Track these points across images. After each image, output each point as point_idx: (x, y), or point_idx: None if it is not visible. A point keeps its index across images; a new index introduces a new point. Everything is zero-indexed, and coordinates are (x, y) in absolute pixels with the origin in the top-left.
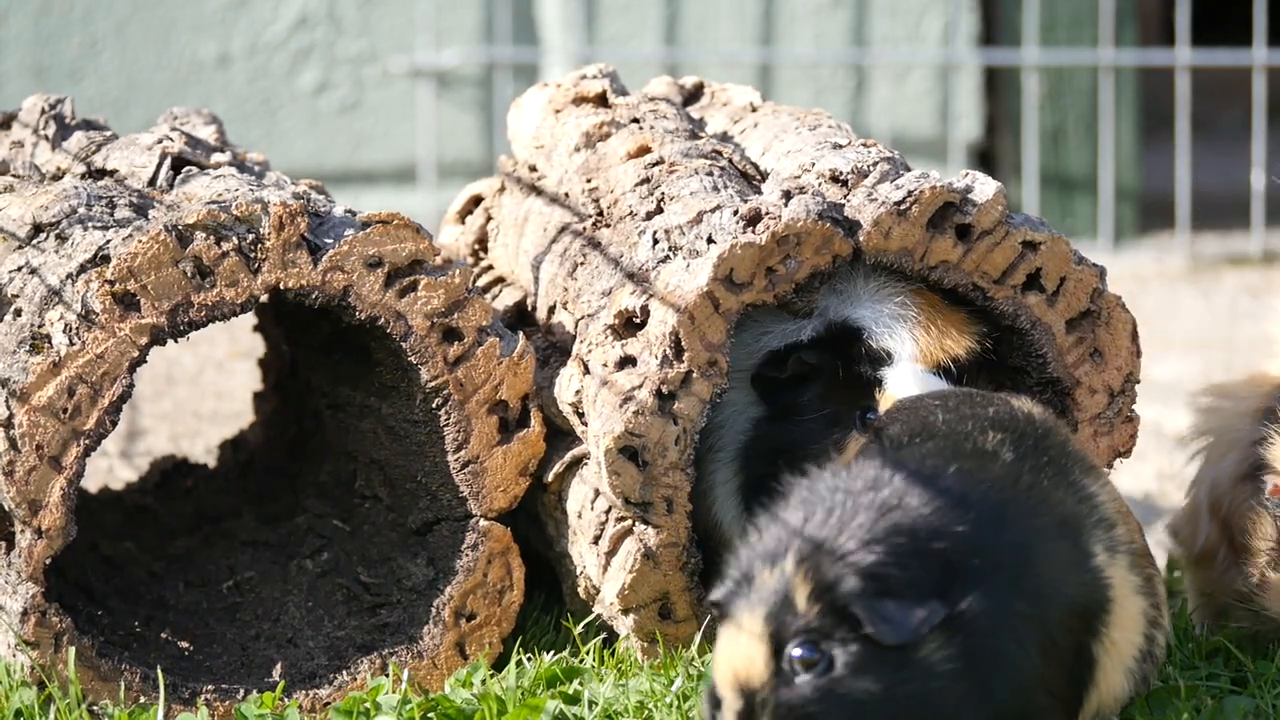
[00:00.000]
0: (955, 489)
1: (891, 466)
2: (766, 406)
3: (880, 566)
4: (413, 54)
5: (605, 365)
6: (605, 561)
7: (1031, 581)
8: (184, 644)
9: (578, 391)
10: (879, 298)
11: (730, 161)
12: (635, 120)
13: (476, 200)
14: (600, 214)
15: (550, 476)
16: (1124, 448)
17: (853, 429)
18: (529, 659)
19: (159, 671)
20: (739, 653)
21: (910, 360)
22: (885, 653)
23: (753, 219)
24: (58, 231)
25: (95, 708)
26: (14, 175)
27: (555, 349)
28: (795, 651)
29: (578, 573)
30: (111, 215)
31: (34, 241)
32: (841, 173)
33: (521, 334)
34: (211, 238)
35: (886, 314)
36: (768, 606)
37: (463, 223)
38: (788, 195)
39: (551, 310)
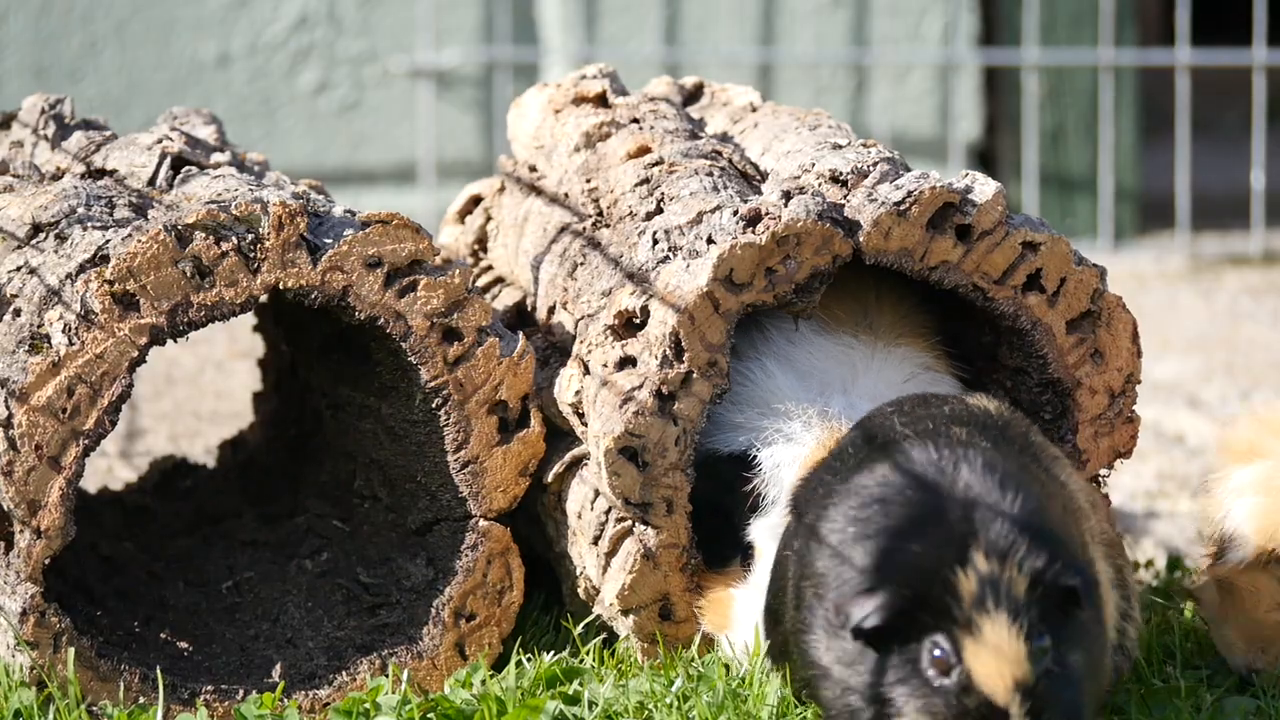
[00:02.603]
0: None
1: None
2: None
3: (1055, 544)
4: (413, 54)
5: (605, 365)
6: (605, 562)
7: None
8: (183, 644)
9: (578, 392)
10: (799, 433)
11: (730, 162)
12: (635, 120)
13: (476, 200)
14: (600, 214)
15: (550, 477)
16: (1124, 448)
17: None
18: (529, 659)
19: (158, 672)
20: (1007, 660)
21: (779, 515)
22: (1081, 624)
23: (753, 219)
24: (57, 231)
25: (95, 708)
26: (13, 175)
27: (555, 349)
28: (1037, 642)
29: (577, 573)
30: (111, 215)
31: (33, 241)
32: (841, 173)
33: (521, 334)
34: (211, 238)
35: (785, 454)
36: (1007, 611)
37: (462, 223)
38: (787, 195)
39: (551, 310)
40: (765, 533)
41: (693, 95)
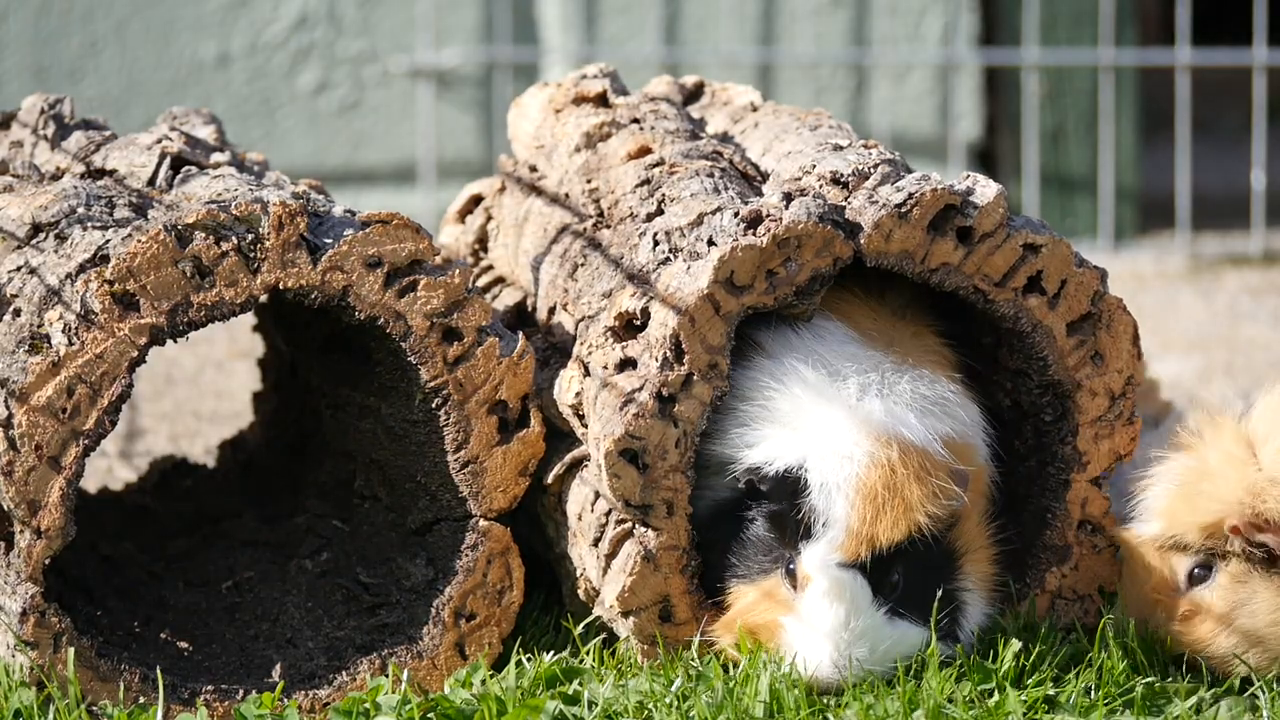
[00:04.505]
0: None
1: None
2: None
3: None
4: (413, 54)
5: (605, 367)
6: (605, 564)
7: None
8: (183, 644)
9: (578, 393)
10: (847, 447)
11: (731, 162)
12: (636, 120)
13: (476, 200)
14: (601, 215)
15: (550, 478)
16: (1125, 450)
17: (779, 568)
18: (529, 659)
19: (158, 672)
20: None
21: (830, 544)
22: None
23: (753, 221)
24: (57, 231)
25: (94, 708)
26: (13, 175)
27: (555, 350)
28: None
29: (578, 574)
30: (111, 215)
31: (33, 241)
32: (842, 175)
33: (521, 334)
34: (211, 238)
35: (836, 475)
36: None
37: (462, 223)
38: (788, 197)
39: (551, 311)
40: (815, 563)
41: (693, 95)
